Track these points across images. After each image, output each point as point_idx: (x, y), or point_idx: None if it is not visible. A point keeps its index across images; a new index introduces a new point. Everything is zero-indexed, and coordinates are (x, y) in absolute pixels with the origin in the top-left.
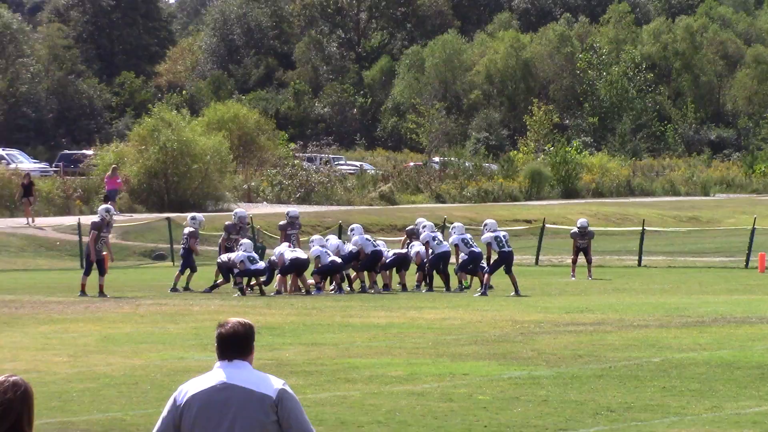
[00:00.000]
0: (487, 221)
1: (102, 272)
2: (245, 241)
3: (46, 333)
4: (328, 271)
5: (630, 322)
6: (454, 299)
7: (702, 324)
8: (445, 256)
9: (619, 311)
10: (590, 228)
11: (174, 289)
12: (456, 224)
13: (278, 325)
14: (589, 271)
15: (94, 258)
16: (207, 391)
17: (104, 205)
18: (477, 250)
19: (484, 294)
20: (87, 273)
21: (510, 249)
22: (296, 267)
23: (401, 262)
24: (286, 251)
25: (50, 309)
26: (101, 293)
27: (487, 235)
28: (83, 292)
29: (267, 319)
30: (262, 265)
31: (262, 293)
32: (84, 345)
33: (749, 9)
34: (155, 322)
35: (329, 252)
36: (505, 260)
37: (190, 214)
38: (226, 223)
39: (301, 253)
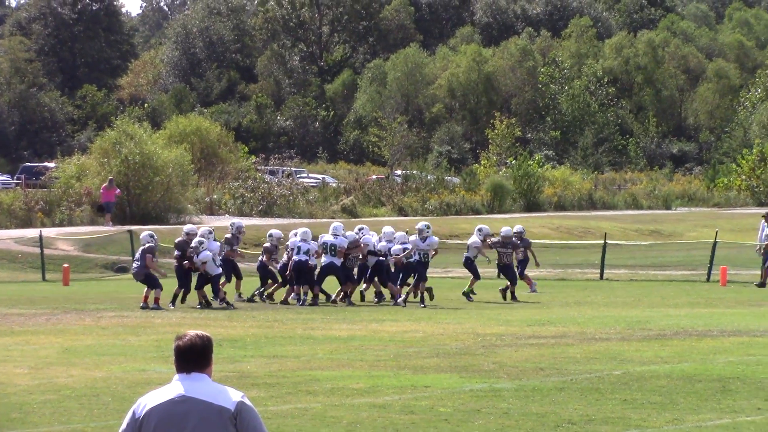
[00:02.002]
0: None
1: (154, 286)
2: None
3: (7, 345)
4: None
5: (591, 335)
6: (415, 312)
7: (663, 337)
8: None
9: (581, 324)
10: (514, 237)
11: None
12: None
13: (240, 337)
14: (512, 293)
15: (163, 273)
16: (166, 403)
17: (147, 232)
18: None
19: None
20: (159, 287)
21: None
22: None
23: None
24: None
25: (11, 321)
26: (156, 305)
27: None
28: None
29: (228, 331)
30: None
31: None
32: (45, 357)
33: (711, 24)
34: (117, 335)
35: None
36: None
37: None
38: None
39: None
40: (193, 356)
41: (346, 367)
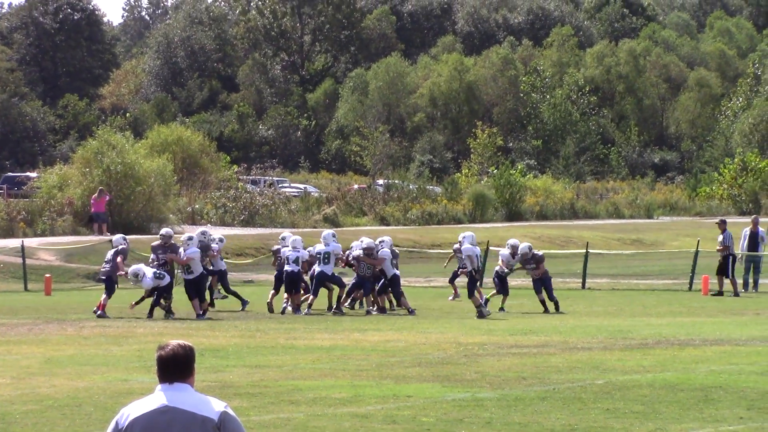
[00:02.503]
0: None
1: (110, 291)
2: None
3: None
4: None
5: (574, 344)
6: (398, 321)
7: (646, 346)
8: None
9: (563, 333)
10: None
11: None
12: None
13: (222, 347)
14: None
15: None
16: (149, 414)
17: (120, 235)
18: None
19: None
20: (111, 294)
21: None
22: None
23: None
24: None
25: None
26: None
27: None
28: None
29: (211, 341)
30: (167, 279)
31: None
32: (27, 367)
33: (692, 33)
34: (99, 345)
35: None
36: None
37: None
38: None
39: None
40: (176, 366)
41: (328, 377)
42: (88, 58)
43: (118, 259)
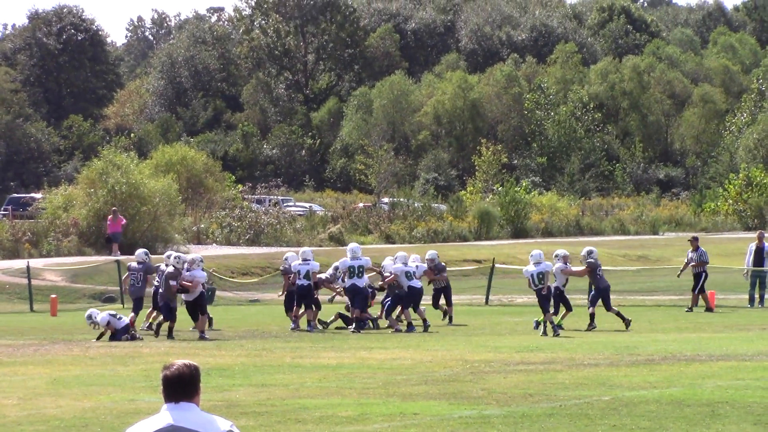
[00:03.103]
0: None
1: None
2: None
3: None
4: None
5: (580, 360)
6: (404, 339)
7: (652, 362)
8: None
9: (569, 350)
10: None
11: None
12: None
13: (228, 366)
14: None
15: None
16: None
17: (141, 250)
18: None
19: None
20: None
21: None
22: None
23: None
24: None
25: None
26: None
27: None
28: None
29: (217, 360)
30: (124, 321)
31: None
32: (33, 388)
33: (696, 49)
34: (105, 365)
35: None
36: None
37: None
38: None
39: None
40: (181, 385)
41: (335, 395)
42: (92, 78)
43: (172, 283)
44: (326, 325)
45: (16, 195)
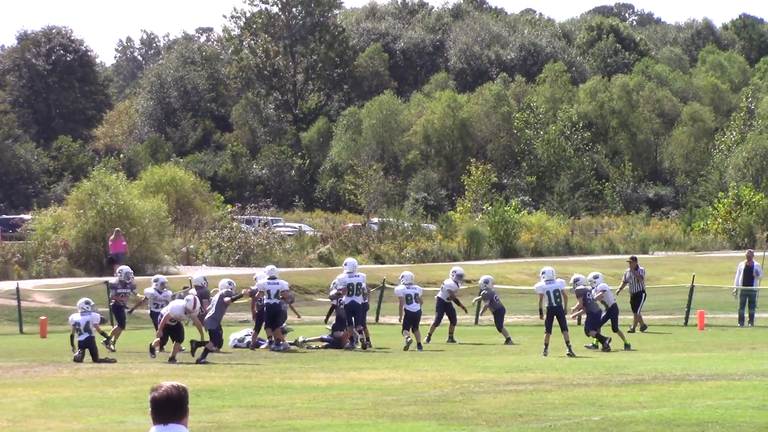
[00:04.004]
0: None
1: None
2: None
3: None
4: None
5: (570, 380)
6: (393, 359)
7: (642, 382)
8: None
9: (559, 370)
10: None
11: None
12: (405, 273)
13: (218, 387)
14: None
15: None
16: None
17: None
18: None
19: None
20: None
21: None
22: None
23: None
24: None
25: None
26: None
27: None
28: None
29: (206, 381)
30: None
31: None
32: (23, 409)
33: (685, 67)
34: (95, 386)
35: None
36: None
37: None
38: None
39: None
40: (170, 407)
41: (324, 416)
42: (82, 99)
43: (226, 299)
44: (303, 344)
45: (5, 216)
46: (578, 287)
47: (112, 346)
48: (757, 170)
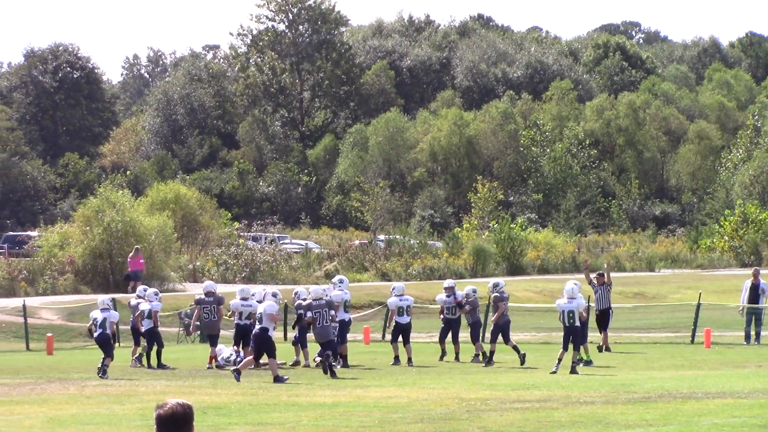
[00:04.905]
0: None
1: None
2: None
3: None
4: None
5: (576, 398)
6: (400, 377)
7: (648, 400)
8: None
9: (566, 388)
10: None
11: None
12: (396, 285)
13: (224, 404)
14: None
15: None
16: None
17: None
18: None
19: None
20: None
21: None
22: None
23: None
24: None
25: None
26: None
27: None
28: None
29: (212, 398)
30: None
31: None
32: (29, 427)
33: (691, 85)
34: (101, 404)
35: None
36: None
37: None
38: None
39: None
40: (175, 425)
41: None
42: (88, 116)
43: (222, 308)
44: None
45: (11, 233)
46: (494, 294)
47: (138, 363)
48: (764, 188)
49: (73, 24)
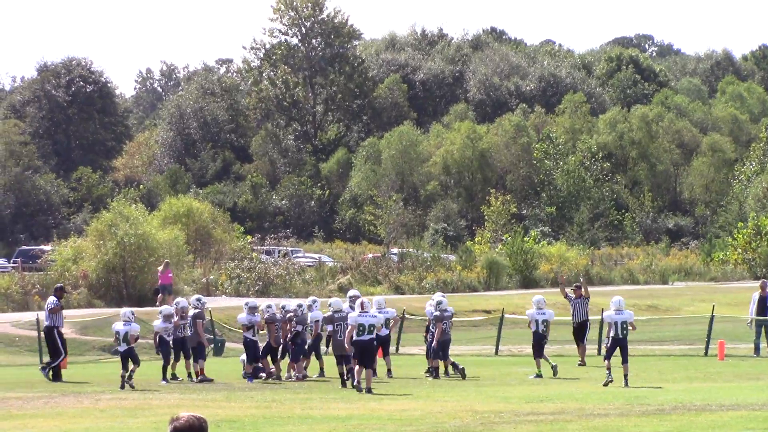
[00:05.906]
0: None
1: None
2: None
3: (6, 429)
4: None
5: (590, 410)
6: (414, 389)
7: (662, 412)
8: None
9: (579, 400)
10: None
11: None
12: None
13: (238, 417)
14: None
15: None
16: None
17: (196, 296)
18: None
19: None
20: (204, 357)
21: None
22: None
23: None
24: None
25: (9, 405)
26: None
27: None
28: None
29: (226, 412)
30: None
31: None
32: None
33: (704, 98)
34: (115, 417)
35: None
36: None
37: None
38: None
39: None
40: None
41: None
42: (101, 130)
43: (198, 323)
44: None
45: (25, 247)
46: (436, 313)
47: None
48: None
49: (86, 38)
